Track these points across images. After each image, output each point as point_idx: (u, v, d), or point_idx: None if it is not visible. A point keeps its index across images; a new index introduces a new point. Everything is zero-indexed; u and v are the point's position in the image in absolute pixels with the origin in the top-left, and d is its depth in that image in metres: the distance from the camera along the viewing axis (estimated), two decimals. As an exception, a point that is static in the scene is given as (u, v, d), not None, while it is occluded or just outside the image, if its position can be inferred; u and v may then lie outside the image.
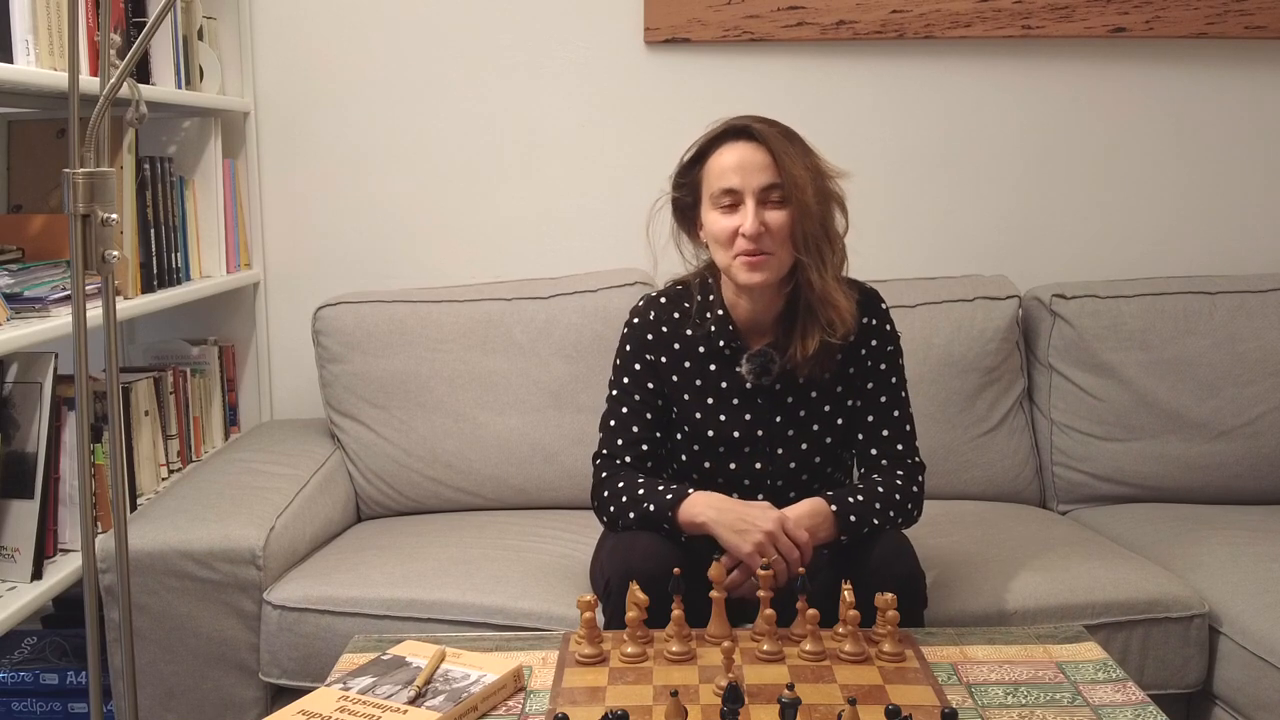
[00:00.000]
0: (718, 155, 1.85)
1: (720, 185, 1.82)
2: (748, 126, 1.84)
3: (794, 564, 1.74)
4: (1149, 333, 2.53)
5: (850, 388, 1.93)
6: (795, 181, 1.79)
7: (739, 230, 1.80)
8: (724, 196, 1.82)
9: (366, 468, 2.48)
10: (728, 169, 1.82)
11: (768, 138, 1.82)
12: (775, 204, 1.81)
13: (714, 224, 1.85)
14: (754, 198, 1.80)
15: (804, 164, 1.82)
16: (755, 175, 1.80)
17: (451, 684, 1.51)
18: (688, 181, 1.91)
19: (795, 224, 1.81)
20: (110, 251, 1.41)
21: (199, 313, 2.70)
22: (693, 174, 1.89)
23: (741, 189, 1.81)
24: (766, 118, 1.87)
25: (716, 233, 1.84)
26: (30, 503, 1.93)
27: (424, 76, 2.74)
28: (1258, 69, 2.74)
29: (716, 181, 1.83)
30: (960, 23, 2.68)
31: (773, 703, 1.44)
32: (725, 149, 1.84)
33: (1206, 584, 2.05)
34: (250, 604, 2.01)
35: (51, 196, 2.29)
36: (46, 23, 1.88)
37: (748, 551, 1.75)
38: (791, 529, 1.76)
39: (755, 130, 1.83)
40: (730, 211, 1.82)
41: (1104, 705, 1.50)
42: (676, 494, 1.81)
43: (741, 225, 1.80)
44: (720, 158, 1.84)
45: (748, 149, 1.82)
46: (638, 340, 1.95)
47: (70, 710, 2.16)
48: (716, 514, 1.78)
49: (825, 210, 1.84)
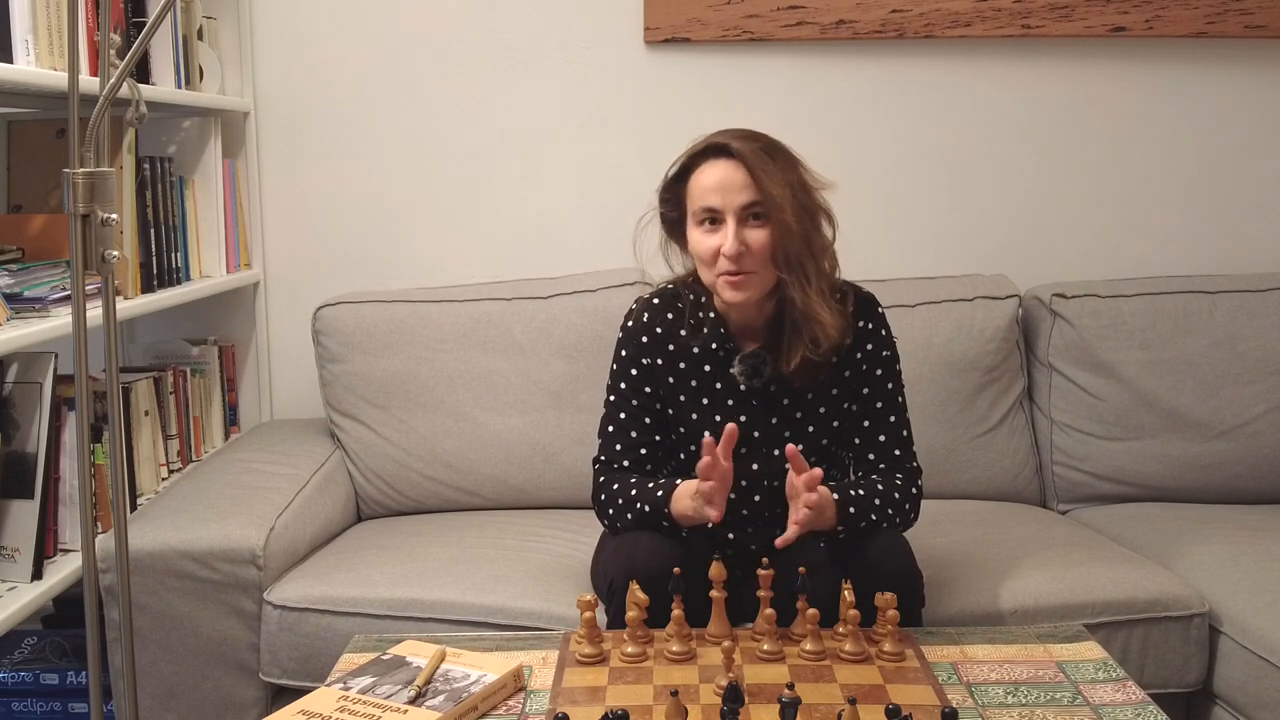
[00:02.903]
0: (699, 173, 1.84)
1: (701, 204, 1.82)
2: (727, 145, 1.82)
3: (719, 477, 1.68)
4: (1149, 332, 2.53)
5: (846, 391, 1.93)
6: (774, 201, 1.78)
7: (720, 249, 1.80)
8: (704, 214, 1.82)
9: (366, 468, 2.48)
10: (708, 188, 1.82)
11: (746, 156, 1.80)
12: (757, 222, 1.80)
13: (698, 243, 1.85)
14: (734, 217, 1.79)
15: (784, 180, 1.80)
16: (735, 195, 1.79)
17: (452, 684, 1.51)
18: (673, 197, 1.90)
19: (776, 243, 1.80)
20: (110, 251, 1.41)
21: (199, 313, 2.70)
22: (677, 189, 1.89)
23: (722, 208, 1.80)
24: (749, 132, 1.85)
25: (700, 251, 1.85)
26: (30, 503, 1.93)
27: (424, 76, 2.74)
28: (1258, 68, 2.74)
29: (698, 200, 1.83)
30: (960, 22, 2.68)
31: (773, 702, 1.44)
32: (706, 167, 1.83)
33: (1207, 583, 2.05)
34: (250, 604, 2.01)
35: (51, 196, 2.29)
36: (46, 23, 1.88)
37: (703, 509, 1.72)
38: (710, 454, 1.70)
39: (734, 149, 1.81)
40: (712, 231, 1.82)
41: (1104, 705, 1.50)
42: (666, 489, 1.82)
43: (723, 245, 1.79)
44: (701, 176, 1.84)
45: (728, 167, 1.81)
46: (633, 344, 1.95)
47: (70, 710, 2.16)
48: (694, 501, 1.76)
49: (808, 226, 1.82)
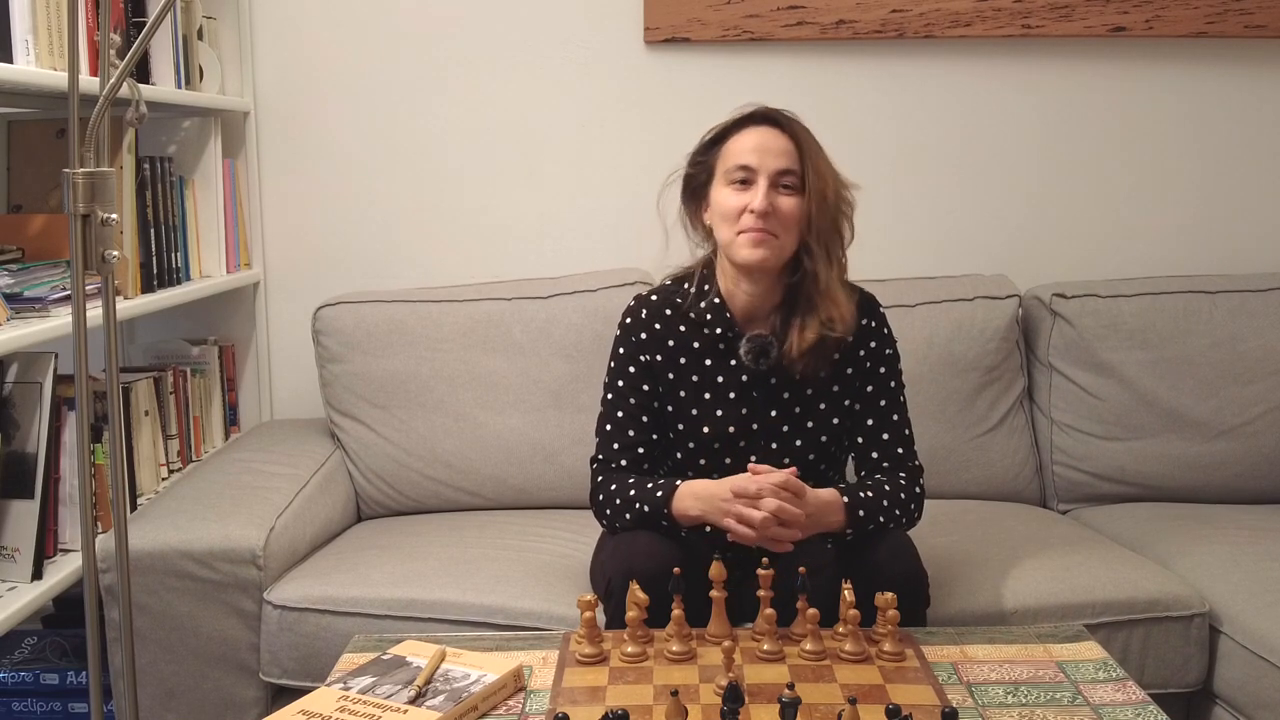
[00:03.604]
0: (738, 136, 1.88)
1: (736, 162, 1.85)
2: (776, 114, 1.88)
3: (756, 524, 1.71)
4: (1149, 332, 2.53)
5: (847, 388, 1.93)
6: (818, 171, 1.83)
7: (748, 206, 1.82)
8: (738, 172, 1.84)
9: (366, 468, 2.48)
10: (746, 148, 1.85)
11: (792, 126, 1.86)
12: (787, 190, 1.83)
13: (723, 200, 1.86)
14: (768, 179, 1.82)
15: (825, 161, 1.86)
16: (773, 158, 1.83)
17: (452, 684, 1.51)
18: (704, 160, 1.92)
19: (811, 214, 1.83)
20: (110, 251, 1.40)
21: (199, 313, 2.70)
22: (710, 153, 1.92)
23: (757, 168, 1.83)
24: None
25: (724, 208, 1.85)
26: (30, 503, 1.93)
27: (424, 76, 2.73)
28: (1258, 68, 2.74)
29: (733, 159, 1.86)
30: (960, 22, 2.68)
31: (773, 702, 1.44)
32: (747, 131, 1.87)
33: (1207, 583, 2.05)
34: (250, 604, 2.01)
35: (51, 196, 2.29)
36: (46, 23, 1.88)
37: (732, 526, 1.74)
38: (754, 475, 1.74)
39: (781, 118, 1.87)
40: (742, 189, 1.84)
41: (1104, 705, 1.50)
42: (666, 490, 1.81)
43: (751, 202, 1.81)
44: (741, 139, 1.87)
45: (770, 134, 1.85)
46: (631, 341, 1.95)
47: (70, 710, 2.16)
48: (703, 504, 1.79)
49: (839, 210, 1.86)
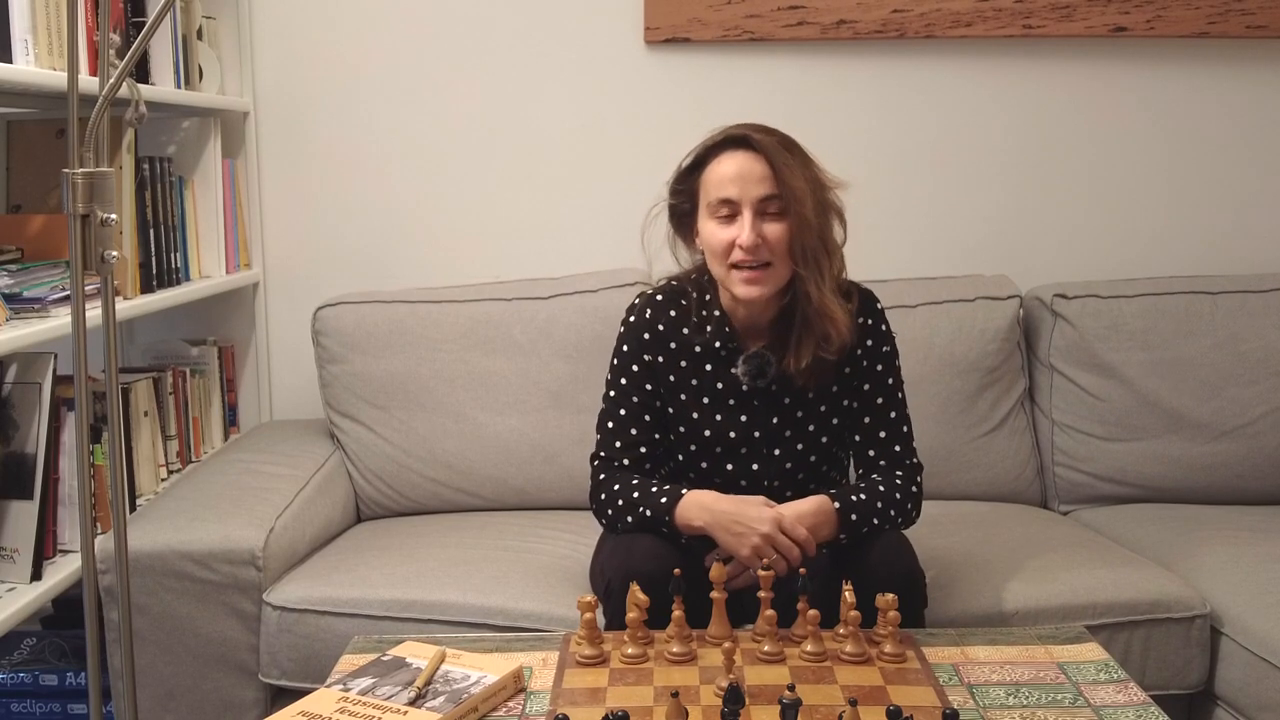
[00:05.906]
0: (716, 164, 1.83)
1: (718, 195, 1.81)
2: (747, 136, 1.81)
3: (794, 560, 1.73)
4: (1150, 333, 2.52)
5: (846, 388, 1.92)
6: (794, 194, 1.77)
7: (735, 241, 1.79)
8: (721, 207, 1.80)
9: (366, 468, 2.48)
10: (726, 179, 1.80)
11: (767, 148, 1.79)
12: (773, 215, 1.79)
13: (711, 235, 1.83)
14: (751, 209, 1.78)
15: (803, 175, 1.80)
16: (753, 186, 1.78)
17: (452, 685, 1.50)
18: (685, 188, 1.89)
19: (794, 237, 1.79)
20: (110, 251, 1.40)
21: (198, 313, 2.70)
22: (690, 181, 1.88)
23: (739, 200, 1.79)
24: (766, 126, 1.85)
25: (713, 244, 1.82)
26: (30, 503, 1.92)
27: (423, 76, 2.73)
28: (1259, 69, 2.74)
29: (714, 191, 1.81)
30: (961, 22, 2.67)
31: (773, 703, 1.44)
32: (724, 158, 1.82)
33: (1208, 584, 2.05)
34: (250, 605, 2.01)
35: (51, 196, 2.28)
36: (46, 23, 1.88)
37: (745, 555, 1.74)
38: (789, 526, 1.75)
39: (754, 140, 1.80)
40: (727, 222, 1.81)
41: (1105, 706, 1.50)
42: (671, 496, 1.80)
43: (738, 237, 1.78)
44: (718, 167, 1.82)
45: (746, 159, 1.80)
46: (634, 340, 1.94)
47: (70, 711, 2.16)
48: (711, 516, 1.77)
49: (824, 222, 1.82)
